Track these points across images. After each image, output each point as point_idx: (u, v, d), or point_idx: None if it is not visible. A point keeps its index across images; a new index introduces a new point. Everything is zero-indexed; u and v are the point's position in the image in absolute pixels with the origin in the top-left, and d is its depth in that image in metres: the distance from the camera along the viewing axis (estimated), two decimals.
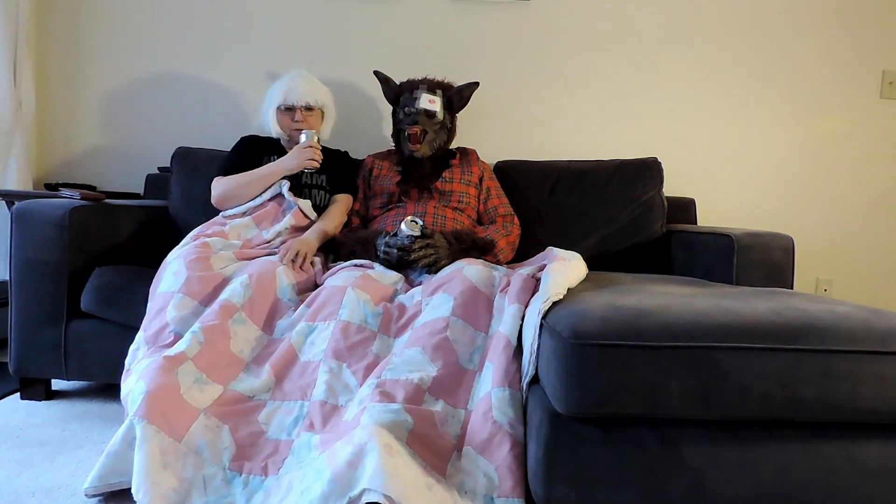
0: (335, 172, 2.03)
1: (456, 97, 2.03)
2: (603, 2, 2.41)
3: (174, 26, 2.45)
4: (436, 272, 1.64)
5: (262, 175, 1.88)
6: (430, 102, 1.94)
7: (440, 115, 1.96)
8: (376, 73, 2.10)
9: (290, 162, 1.87)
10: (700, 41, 2.41)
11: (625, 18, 2.41)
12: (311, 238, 1.78)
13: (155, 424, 1.18)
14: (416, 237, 1.65)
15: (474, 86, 2.05)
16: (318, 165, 1.88)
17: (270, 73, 2.43)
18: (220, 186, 1.89)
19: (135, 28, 2.46)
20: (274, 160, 1.96)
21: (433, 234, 1.67)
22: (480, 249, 1.77)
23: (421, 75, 2.10)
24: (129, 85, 2.48)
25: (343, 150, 2.15)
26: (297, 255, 1.68)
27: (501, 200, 2.02)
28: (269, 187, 1.89)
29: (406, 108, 1.99)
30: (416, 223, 1.65)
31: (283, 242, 1.79)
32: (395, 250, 1.66)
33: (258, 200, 1.88)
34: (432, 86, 2.00)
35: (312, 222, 1.90)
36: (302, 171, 1.96)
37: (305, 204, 1.89)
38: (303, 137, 1.89)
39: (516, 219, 1.99)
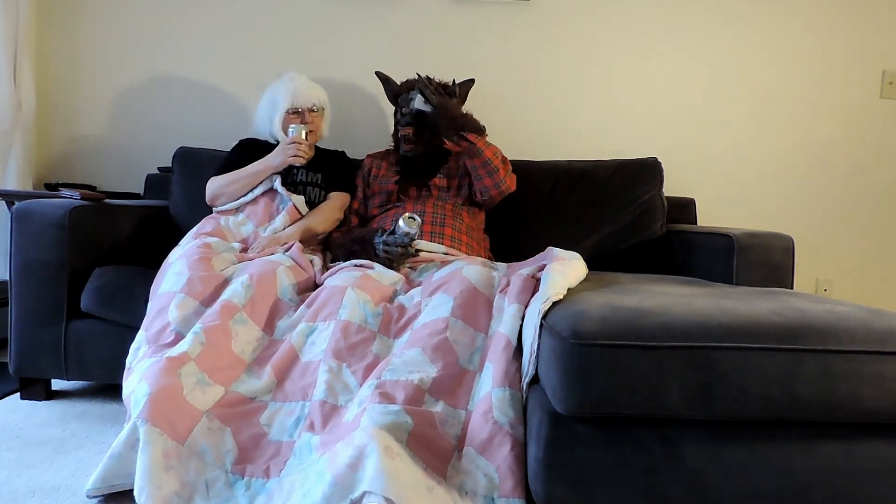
0: (331, 171, 2.03)
1: (452, 96, 2.00)
2: (603, 1, 2.41)
3: (175, 26, 2.45)
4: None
5: (250, 173, 1.90)
6: (425, 103, 1.93)
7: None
8: (378, 73, 2.11)
9: (274, 159, 1.89)
10: (700, 41, 2.41)
11: (625, 18, 2.41)
12: (285, 234, 1.81)
13: (158, 427, 1.18)
14: (415, 234, 1.65)
15: (470, 83, 2.04)
16: (304, 161, 1.88)
17: (271, 74, 2.43)
18: (211, 185, 1.93)
19: (135, 28, 2.46)
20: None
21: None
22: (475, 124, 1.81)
23: (436, 77, 2.09)
24: (129, 85, 2.48)
25: (340, 150, 2.15)
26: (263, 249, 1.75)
27: None
28: (261, 183, 1.90)
29: (403, 109, 2.00)
30: (414, 220, 1.65)
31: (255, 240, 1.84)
32: (396, 248, 1.66)
33: (250, 196, 1.90)
34: (425, 91, 1.99)
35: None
36: (297, 169, 1.97)
37: (299, 200, 1.89)
38: (290, 132, 1.90)
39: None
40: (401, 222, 1.65)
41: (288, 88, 1.96)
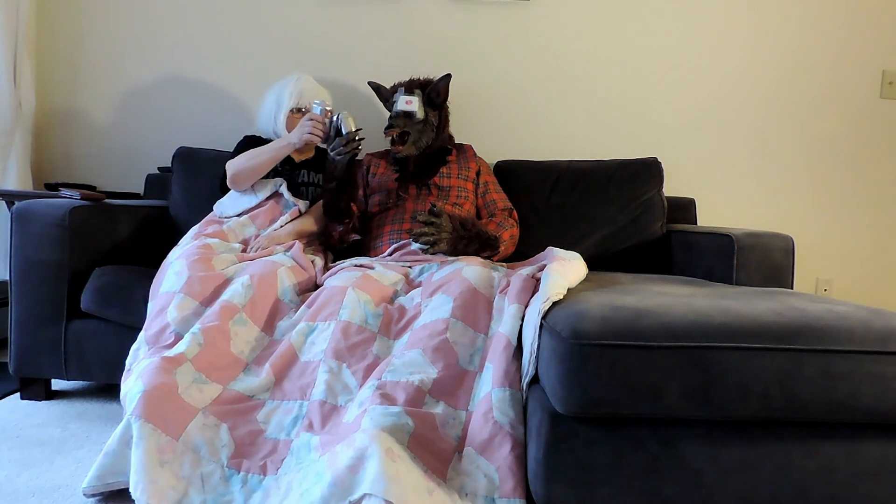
0: None
1: (433, 93, 2.01)
2: (603, 2, 2.41)
3: (174, 26, 2.45)
4: (433, 253, 1.66)
5: (272, 149, 1.84)
6: (407, 104, 1.96)
7: (420, 114, 1.97)
8: (370, 83, 2.14)
9: (293, 136, 1.83)
10: (700, 41, 2.41)
11: (625, 18, 2.41)
12: (282, 232, 1.80)
13: (152, 423, 1.18)
14: (334, 115, 1.76)
15: (447, 78, 2.01)
16: (321, 137, 1.81)
17: (271, 73, 2.43)
18: (232, 165, 1.87)
19: (135, 28, 2.46)
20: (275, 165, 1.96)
21: (441, 213, 1.67)
22: (483, 243, 1.76)
23: (420, 75, 2.10)
24: (129, 85, 2.48)
25: None
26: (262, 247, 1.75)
27: (500, 195, 2.03)
28: (266, 185, 1.89)
29: (390, 113, 2.02)
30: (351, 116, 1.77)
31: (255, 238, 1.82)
32: (334, 138, 1.77)
33: (254, 201, 1.88)
34: (410, 86, 2.01)
35: None
36: (300, 170, 1.97)
37: (304, 205, 1.89)
38: (314, 108, 1.83)
39: (515, 213, 2.00)
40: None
41: (294, 88, 1.96)
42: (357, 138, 1.77)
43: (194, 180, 2.12)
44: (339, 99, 2.38)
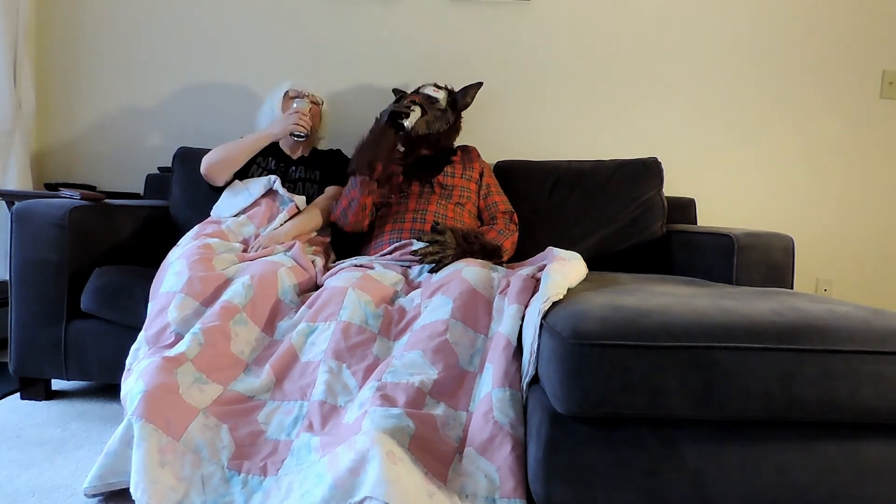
0: (329, 168, 2.04)
1: (459, 95, 2.08)
2: (603, 2, 2.41)
3: (175, 27, 2.45)
4: (437, 271, 1.64)
5: (249, 140, 1.91)
6: (435, 91, 2.03)
7: (442, 103, 2.02)
8: (395, 91, 2.21)
9: (275, 127, 1.91)
10: (700, 41, 2.41)
11: (625, 18, 2.41)
12: (282, 231, 1.81)
13: (153, 423, 1.18)
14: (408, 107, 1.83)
15: (478, 85, 2.11)
16: (305, 130, 1.89)
17: (271, 73, 2.43)
18: (207, 158, 1.92)
19: (135, 28, 2.46)
20: (266, 161, 1.97)
21: (445, 230, 1.67)
22: (488, 254, 1.77)
23: (422, 76, 2.13)
24: (129, 85, 2.48)
25: (336, 149, 2.16)
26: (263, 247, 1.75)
27: (502, 198, 2.03)
28: (259, 183, 1.90)
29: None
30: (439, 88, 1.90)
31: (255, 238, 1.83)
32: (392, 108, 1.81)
33: (248, 200, 1.88)
34: (439, 85, 2.08)
35: None
36: (296, 167, 1.97)
37: (300, 200, 1.89)
38: (294, 105, 1.91)
39: (516, 216, 2.00)
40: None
41: (289, 80, 2.06)
42: (412, 109, 1.85)
43: (194, 180, 2.12)
44: (340, 98, 2.38)
